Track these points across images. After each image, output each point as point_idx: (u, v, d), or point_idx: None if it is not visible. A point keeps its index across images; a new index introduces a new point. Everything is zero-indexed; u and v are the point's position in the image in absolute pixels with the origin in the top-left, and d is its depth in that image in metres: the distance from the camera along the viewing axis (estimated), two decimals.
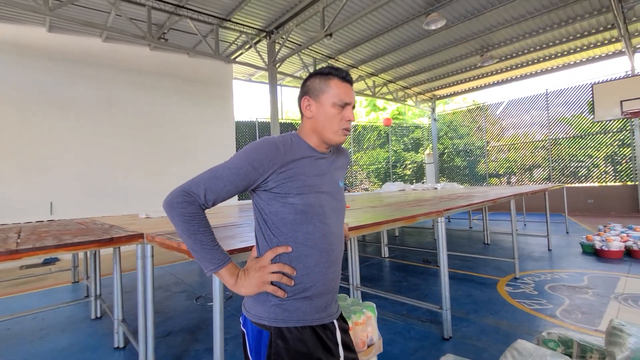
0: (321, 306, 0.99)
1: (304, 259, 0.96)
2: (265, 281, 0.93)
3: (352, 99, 1.04)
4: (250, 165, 0.91)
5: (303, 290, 0.96)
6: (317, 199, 0.97)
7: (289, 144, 0.98)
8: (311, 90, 1.03)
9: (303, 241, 0.96)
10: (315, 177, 0.99)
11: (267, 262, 0.95)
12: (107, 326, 2.95)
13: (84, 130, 6.67)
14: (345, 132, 1.03)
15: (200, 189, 0.90)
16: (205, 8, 6.26)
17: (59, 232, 2.03)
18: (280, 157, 0.94)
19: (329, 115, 1.00)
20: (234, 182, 0.92)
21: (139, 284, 1.76)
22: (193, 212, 0.89)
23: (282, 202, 0.95)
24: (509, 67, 10.16)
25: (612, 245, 4.48)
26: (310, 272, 0.96)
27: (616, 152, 9.41)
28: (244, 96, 25.00)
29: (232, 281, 0.93)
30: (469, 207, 3.07)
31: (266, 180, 0.94)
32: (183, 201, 0.89)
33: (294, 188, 0.94)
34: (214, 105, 8.59)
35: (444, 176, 13.54)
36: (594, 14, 7.02)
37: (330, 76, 1.02)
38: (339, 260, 1.05)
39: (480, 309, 2.98)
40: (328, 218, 1.00)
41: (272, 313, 0.95)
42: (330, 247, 1.00)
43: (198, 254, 0.91)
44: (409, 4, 6.47)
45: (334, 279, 1.02)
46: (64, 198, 6.31)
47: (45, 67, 6.34)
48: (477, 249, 5.49)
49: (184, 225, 0.89)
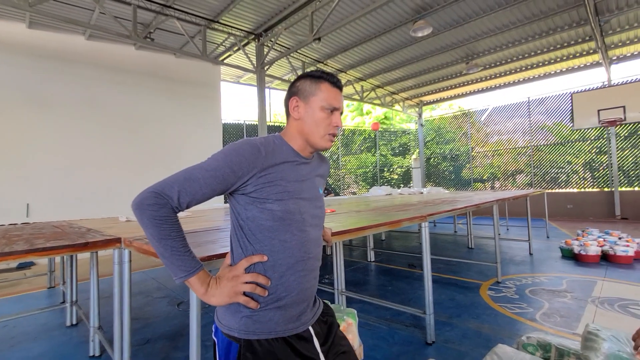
0: (294, 315, 0.96)
1: (279, 267, 0.93)
2: (237, 291, 0.89)
3: (341, 105, 1.03)
4: (229, 168, 0.87)
5: (277, 300, 0.93)
6: (296, 205, 0.94)
7: (271, 147, 0.94)
8: (301, 91, 1.01)
9: (280, 249, 0.93)
10: (295, 182, 0.95)
11: (241, 271, 0.91)
12: (83, 334, 2.85)
13: (65, 129, 6.46)
14: (332, 137, 1.01)
15: (174, 191, 0.84)
16: (193, 9, 6.19)
17: (32, 236, 1.95)
18: (261, 160, 0.90)
19: (317, 119, 0.98)
20: (211, 185, 0.87)
21: (116, 290, 1.70)
22: (164, 216, 0.84)
23: (260, 207, 0.91)
24: (493, 75, 10.42)
25: (589, 250, 4.61)
26: (285, 282, 0.93)
27: (594, 159, 9.74)
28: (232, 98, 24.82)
29: (202, 290, 0.88)
30: (453, 212, 3.10)
31: (245, 184, 0.90)
32: (154, 203, 0.83)
33: (273, 193, 0.91)
34: (201, 107, 8.49)
35: (430, 181, 13.73)
36: (573, 26, 7.28)
37: (321, 80, 1.00)
38: (315, 268, 1.02)
39: (463, 313, 3.01)
40: (307, 225, 0.97)
41: (243, 325, 0.91)
42: (307, 256, 0.97)
43: (167, 260, 0.86)
44: (397, 10, 6.57)
45: (310, 287, 0.99)
46: (42, 200, 6.09)
47: (25, 64, 6.14)
48: (461, 253, 5.56)
49: (153, 229, 0.83)
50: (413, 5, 6.39)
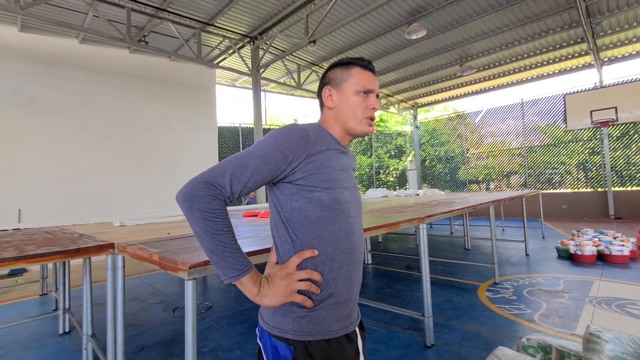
0: (345, 314, 0.91)
1: (330, 261, 0.88)
2: (293, 290, 0.84)
3: (376, 87, 1.00)
4: (281, 153, 0.83)
5: (329, 297, 0.88)
6: (342, 194, 0.90)
7: (316, 133, 0.91)
8: (332, 80, 0.99)
9: (328, 242, 0.88)
10: (340, 171, 0.92)
11: (293, 268, 0.86)
12: (76, 342, 2.78)
13: (57, 133, 6.38)
14: (370, 121, 0.98)
15: (226, 179, 0.79)
16: (188, 12, 6.17)
17: (23, 243, 1.90)
18: (311, 145, 0.86)
19: (352, 104, 0.96)
20: (262, 172, 0.82)
21: (109, 297, 1.66)
22: (217, 209, 0.78)
23: (307, 197, 0.86)
24: (487, 77, 10.51)
25: (585, 250, 4.64)
26: (335, 276, 0.88)
27: (587, 159, 9.84)
28: (227, 101, 24.73)
29: (255, 290, 0.83)
30: (450, 214, 3.10)
31: (293, 171, 0.85)
32: (207, 194, 0.77)
33: (321, 181, 0.86)
34: (196, 110, 8.44)
35: (426, 182, 13.77)
36: (565, 28, 7.37)
37: (351, 65, 0.98)
38: (361, 262, 0.98)
39: (461, 315, 2.99)
40: (351, 216, 0.93)
41: (297, 325, 0.85)
42: (353, 248, 0.92)
43: (219, 257, 0.79)
44: (391, 13, 6.60)
45: (357, 282, 0.95)
46: (34, 205, 5.99)
47: (16, 68, 6.06)
48: (458, 254, 5.56)
49: (205, 223, 0.77)
50: (407, 8, 6.43)
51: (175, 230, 2.39)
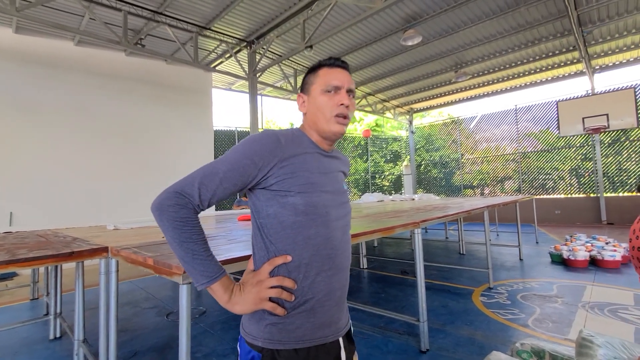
0: (324, 322, 0.88)
1: (305, 267, 0.86)
2: (263, 297, 0.83)
3: (344, 82, 0.95)
4: (249, 159, 0.83)
5: (304, 303, 0.86)
6: (320, 198, 0.88)
7: (290, 137, 0.91)
8: (303, 86, 0.99)
9: (304, 247, 0.86)
10: (319, 174, 0.91)
11: (265, 275, 0.85)
12: (67, 347, 2.74)
13: (51, 136, 6.32)
14: (340, 119, 0.94)
15: (194, 187, 0.80)
16: (185, 16, 6.18)
17: (14, 246, 1.87)
18: (281, 149, 0.86)
19: (319, 104, 0.94)
20: (231, 179, 0.82)
21: (102, 301, 1.64)
22: (185, 217, 0.79)
23: (282, 202, 0.85)
24: (481, 83, 10.63)
25: (578, 255, 4.68)
26: (311, 283, 0.87)
27: (580, 165, 9.97)
28: (223, 105, 24.73)
29: (225, 297, 0.83)
30: (445, 219, 3.12)
31: (266, 176, 0.85)
32: (175, 204, 0.79)
33: (295, 185, 0.85)
34: (192, 113, 8.42)
35: (421, 187, 13.83)
36: (557, 36, 7.50)
37: (319, 67, 0.97)
38: (345, 268, 0.95)
39: (456, 320, 3.00)
40: (332, 220, 0.91)
41: (267, 333, 0.85)
42: (334, 253, 0.90)
43: (189, 265, 0.81)
44: (388, 19, 6.67)
45: (339, 288, 0.92)
46: (26, 208, 5.91)
47: (11, 69, 6.01)
48: (453, 259, 5.58)
49: (174, 231, 0.79)
50: (403, 15, 6.50)
51: None
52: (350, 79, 0.98)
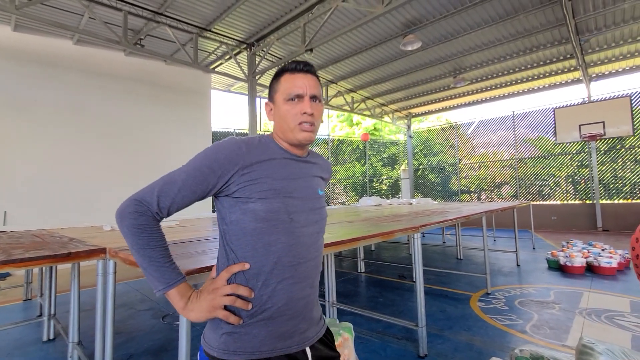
0: (286, 332, 0.86)
1: (264, 275, 0.84)
2: (216, 305, 0.82)
3: (307, 89, 0.92)
4: (208, 167, 0.83)
5: (262, 312, 0.84)
6: (283, 204, 0.86)
7: (255, 144, 0.90)
8: (270, 94, 0.98)
9: (263, 254, 0.84)
10: (284, 180, 0.89)
11: (222, 282, 0.84)
12: (61, 349, 2.70)
13: (48, 135, 6.27)
14: (305, 126, 0.91)
15: (153, 196, 0.81)
16: (185, 17, 6.18)
17: (9, 246, 1.85)
18: (242, 157, 0.85)
19: (283, 114, 0.92)
20: (190, 187, 0.82)
21: (99, 303, 1.62)
22: (143, 224, 0.80)
23: (243, 208, 0.84)
24: (479, 89, 10.71)
25: (574, 261, 4.70)
26: (270, 291, 0.84)
27: (576, 172, 10.04)
28: (222, 106, 24.72)
29: (181, 304, 0.82)
30: (444, 224, 3.12)
31: (227, 184, 0.84)
32: (134, 211, 0.80)
33: (256, 192, 0.84)
34: (190, 114, 8.40)
35: (419, 192, 13.86)
36: (555, 44, 7.58)
37: (281, 74, 0.95)
38: (311, 276, 0.92)
39: (454, 325, 2.99)
40: (297, 227, 0.88)
41: (223, 343, 0.83)
42: (297, 261, 0.87)
43: (146, 270, 0.81)
44: (387, 25, 6.71)
45: (302, 297, 0.89)
46: (21, 207, 5.85)
47: (7, 67, 5.97)
48: (450, 264, 5.58)
49: (132, 238, 0.80)
50: (403, 20, 6.54)
51: (168, 235, 2.35)
52: (314, 82, 0.94)
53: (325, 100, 10.04)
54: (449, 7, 6.15)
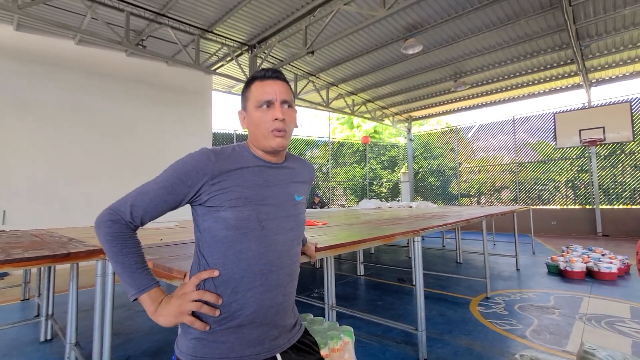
0: (255, 339, 0.87)
1: (233, 282, 0.86)
2: (183, 311, 0.83)
3: (276, 95, 0.92)
4: (178, 178, 0.85)
5: (231, 320, 0.85)
6: (254, 212, 0.88)
7: (226, 154, 0.91)
8: (242, 103, 0.99)
9: (233, 261, 0.86)
10: (256, 187, 0.90)
11: (191, 288, 0.86)
12: (58, 350, 2.68)
13: (48, 134, 6.27)
14: (277, 133, 0.91)
15: (127, 206, 0.85)
16: (187, 18, 6.20)
17: (9, 245, 1.84)
18: (211, 167, 0.86)
19: (255, 121, 0.93)
20: (162, 197, 0.85)
21: (97, 304, 1.61)
22: (117, 232, 0.83)
23: (214, 216, 0.86)
24: (480, 93, 10.73)
25: (574, 266, 4.69)
26: (240, 298, 0.86)
27: (576, 177, 10.05)
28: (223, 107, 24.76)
29: (152, 309, 0.84)
30: (445, 227, 3.11)
31: (198, 193, 0.86)
32: (108, 220, 0.84)
33: (226, 200, 0.86)
34: (191, 115, 8.41)
35: (418, 195, 13.86)
36: (556, 49, 7.61)
37: (251, 81, 0.96)
38: (283, 284, 0.92)
39: (454, 329, 2.98)
40: (269, 235, 0.90)
41: (191, 348, 0.85)
42: (268, 269, 0.89)
43: (120, 277, 0.84)
44: (389, 28, 6.73)
45: (273, 305, 0.90)
46: (20, 207, 5.84)
47: (9, 67, 5.98)
48: (450, 267, 5.57)
49: (107, 245, 0.83)
50: (404, 24, 6.57)
51: (168, 236, 2.35)
52: (284, 88, 0.95)
53: (326, 103, 10.05)
54: (450, 11, 6.18)
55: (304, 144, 12.76)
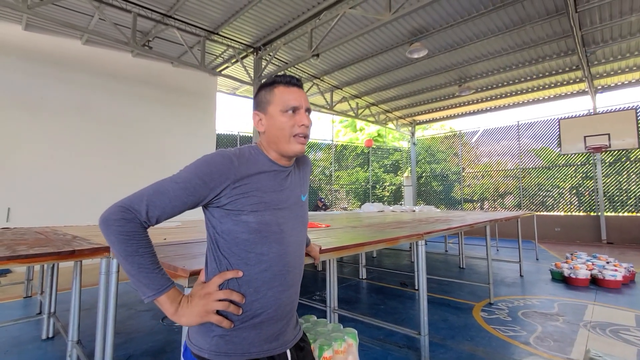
0: (272, 335, 0.91)
1: (255, 282, 0.89)
2: (209, 310, 0.84)
3: (302, 102, 0.96)
4: (200, 180, 0.84)
5: (252, 317, 0.88)
6: (273, 216, 0.91)
7: (245, 158, 0.91)
8: (259, 104, 0.99)
9: (255, 263, 0.89)
10: (273, 193, 0.92)
11: (214, 288, 0.86)
12: (59, 348, 2.68)
13: (53, 133, 6.31)
14: (301, 139, 0.95)
15: (142, 204, 0.81)
16: (194, 20, 6.24)
17: (14, 242, 1.85)
18: (234, 171, 0.87)
19: (279, 125, 0.94)
20: (181, 198, 0.83)
21: (100, 302, 1.61)
22: (131, 231, 0.80)
23: (234, 219, 0.87)
24: (484, 98, 10.70)
25: (579, 273, 4.64)
26: (261, 298, 0.89)
27: (580, 184, 9.98)
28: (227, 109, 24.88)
29: (172, 309, 0.83)
30: (449, 231, 3.09)
31: (218, 196, 0.86)
32: (121, 218, 0.79)
33: (247, 205, 0.87)
34: (195, 116, 8.44)
35: (421, 199, 13.81)
36: (561, 55, 7.59)
37: (274, 85, 0.97)
38: (295, 283, 0.97)
39: (456, 335, 2.95)
40: (286, 237, 0.93)
41: (214, 345, 0.86)
42: (286, 269, 0.93)
43: (135, 278, 0.81)
44: (394, 32, 6.74)
45: (288, 303, 0.95)
46: (24, 204, 5.87)
47: (17, 66, 6.04)
48: (452, 272, 5.53)
49: (120, 245, 0.79)
50: (409, 28, 6.58)
51: (172, 236, 2.35)
52: (306, 97, 0.99)
53: (330, 106, 10.07)
54: (455, 16, 6.18)
55: (308, 146, 12.77)
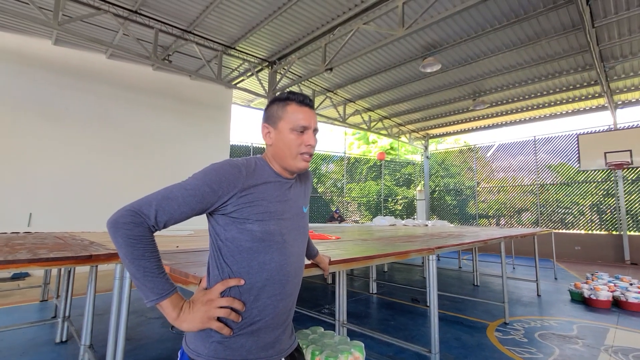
0: (269, 342, 0.93)
1: (255, 290, 0.90)
2: (211, 317, 0.86)
3: (312, 123, 0.99)
4: (209, 187, 0.86)
5: (250, 324, 0.90)
6: (277, 226, 0.93)
7: (252, 168, 0.94)
8: (270, 117, 1.01)
9: (257, 271, 0.91)
10: (277, 203, 0.95)
11: (216, 295, 0.88)
12: (72, 352, 2.73)
13: (75, 143, 6.59)
14: (306, 157, 0.98)
15: (152, 209, 0.83)
16: (212, 35, 6.48)
17: (35, 246, 1.92)
18: (242, 180, 0.90)
19: (287, 142, 0.97)
20: (190, 204, 0.86)
21: (114, 307, 1.65)
22: (139, 235, 0.81)
23: (239, 228, 0.89)
24: (500, 112, 10.59)
25: (600, 295, 4.44)
26: (260, 305, 0.91)
27: (601, 201, 9.64)
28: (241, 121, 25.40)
29: (174, 314, 0.84)
30: (460, 247, 3.04)
31: (225, 204, 0.89)
32: (130, 222, 0.80)
33: (253, 213, 0.90)
34: (211, 128, 8.66)
35: (434, 214, 13.59)
36: (579, 70, 7.48)
37: (287, 101, 0.99)
38: (293, 293, 0.99)
39: (469, 355, 2.86)
40: (288, 247, 0.96)
41: (212, 351, 0.87)
42: (285, 279, 0.95)
43: (139, 281, 0.82)
44: (407, 47, 6.81)
45: (285, 312, 0.97)
46: (45, 210, 6.09)
47: (46, 78, 6.38)
48: (466, 290, 5.39)
49: (127, 248, 0.80)
50: (423, 43, 6.63)
51: (184, 244, 2.39)
52: (316, 118, 1.02)
53: (342, 119, 10.15)
54: (469, 31, 6.21)
55: (320, 158, 12.84)
